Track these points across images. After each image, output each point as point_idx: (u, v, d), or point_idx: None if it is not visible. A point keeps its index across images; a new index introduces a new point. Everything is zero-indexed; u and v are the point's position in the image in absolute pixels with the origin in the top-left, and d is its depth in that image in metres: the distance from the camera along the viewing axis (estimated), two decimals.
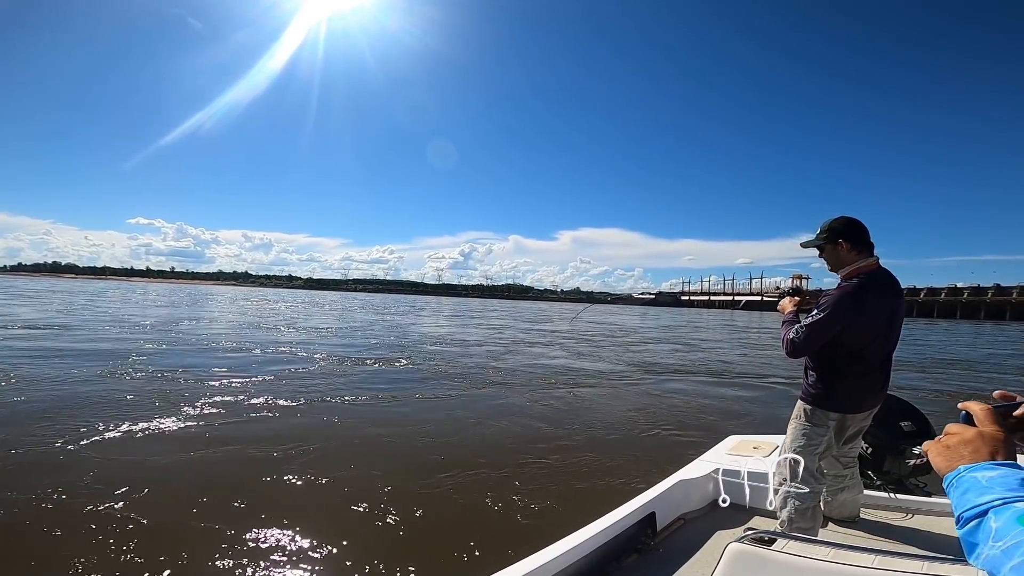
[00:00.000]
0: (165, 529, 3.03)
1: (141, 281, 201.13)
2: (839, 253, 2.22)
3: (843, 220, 2.23)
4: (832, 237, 2.22)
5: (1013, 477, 0.60)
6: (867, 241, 2.21)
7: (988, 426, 0.68)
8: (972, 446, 0.66)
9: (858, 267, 2.18)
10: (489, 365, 10.62)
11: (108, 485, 3.57)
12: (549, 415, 6.37)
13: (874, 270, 2.19)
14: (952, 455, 0.67)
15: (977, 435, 0.67)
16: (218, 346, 11.79)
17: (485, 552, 2.95)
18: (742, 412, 7.23)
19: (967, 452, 0.66)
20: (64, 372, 7.46)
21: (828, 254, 2.27)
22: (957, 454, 0.67)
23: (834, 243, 2.22)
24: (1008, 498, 0.58)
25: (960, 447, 0.67)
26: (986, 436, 0.67)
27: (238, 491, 3.60)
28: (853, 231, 2.20)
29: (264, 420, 5.52)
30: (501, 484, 3.98)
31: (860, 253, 2.19)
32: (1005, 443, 0.66)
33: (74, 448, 4.30)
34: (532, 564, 1.71)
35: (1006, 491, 0.59)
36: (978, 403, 0.71)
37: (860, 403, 2.30)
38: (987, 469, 0.63)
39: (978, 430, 0.68)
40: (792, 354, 2.25)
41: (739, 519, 2.56)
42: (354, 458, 4.46)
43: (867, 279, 2.16)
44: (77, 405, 5.67)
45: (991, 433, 0.67)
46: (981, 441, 0.66)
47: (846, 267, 2.21)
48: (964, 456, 0.66)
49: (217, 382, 7.35)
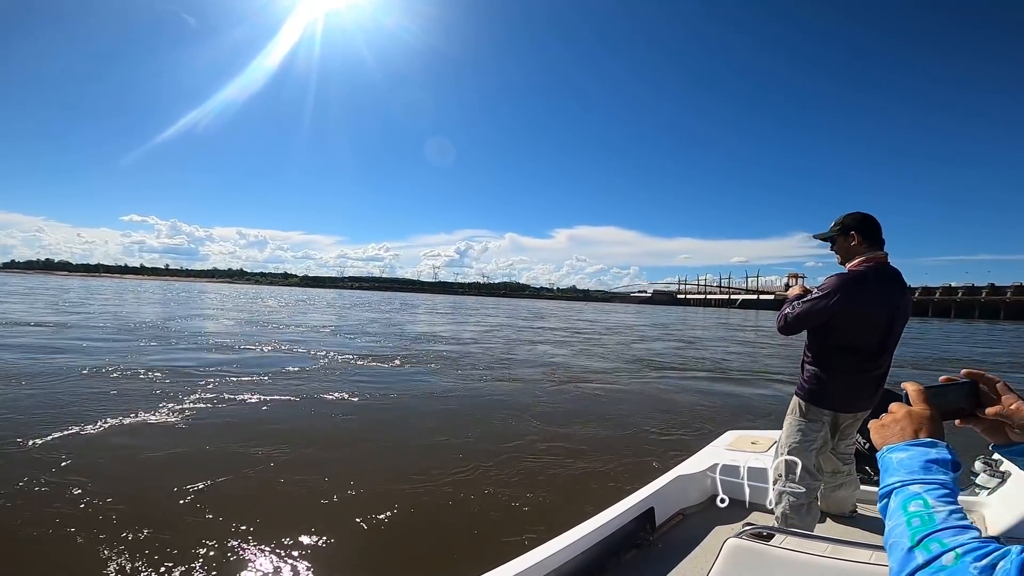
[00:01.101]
0: (155, 526, 3.00)
1: (135, 278, 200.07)
2: (850, 245, 2.25)
3: (858, 215, 2.27)
4: (845, 230, 2.25)
5: (918, 459, 0.65)
6: (879, 237, 2.24)
7: (918, 405, 0.73)
8: (900, 424, 0.71)
9: (866, 258, 2.21)
10: (486, 362, 10.61)
11: (90, 482, 3.55)
12: (546, 411, 6.36)
13: (882, 262, 2.22)
14: (885, 433, 0.72)
15: (906, 414, 0.72)
16: (213, 344, 11.73)
17: (483, 549, 2.94)
18: (740, 407, 7.25)
19: (896, 430, 0.71)
20: (59, 367, 7.40)
21: (840, 246, 2.29)
22: (889, 432, 0.72)
23: (847, 235, 2.25)
24: (905, 480, 0.63)
25: (892, 425, 0.72)
26: (913, 415, 0.71)
27: (231, 488, 3.58)
28: (866, 225, 2.23)
29: (258, 417, 5.49)
30: (499, 480, 3.97)
31: (871, 247, 2.22)
32: (930, 420, 0.71)
33: (61, 443, 4.27)
34: (531, 560, 1.70)
35: (906, 474, 0.64)
36: (913, 383, 0.76)
37: (853, 403, 2.30)
38: (901, 450, 0.68)
39: (908, 409, 0.73)
40: (784, 329, 2.28)
41: (738, 515, 2.57)
42: (351, 455, 4.44)
43: (872, 269, 2.18)
44: (66, 402, 5.62)
45: (918, 411, 0.72)
46: (908, 420, 0.71)
47: (855, 259, 2.23)
48: (895, 434, 0.71)
49: (210, 379, 7.30)
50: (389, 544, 2.97)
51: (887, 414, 0.75)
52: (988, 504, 2.41)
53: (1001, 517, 2.28)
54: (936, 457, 0.65)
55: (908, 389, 0.76)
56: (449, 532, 3.16)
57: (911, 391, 0.75)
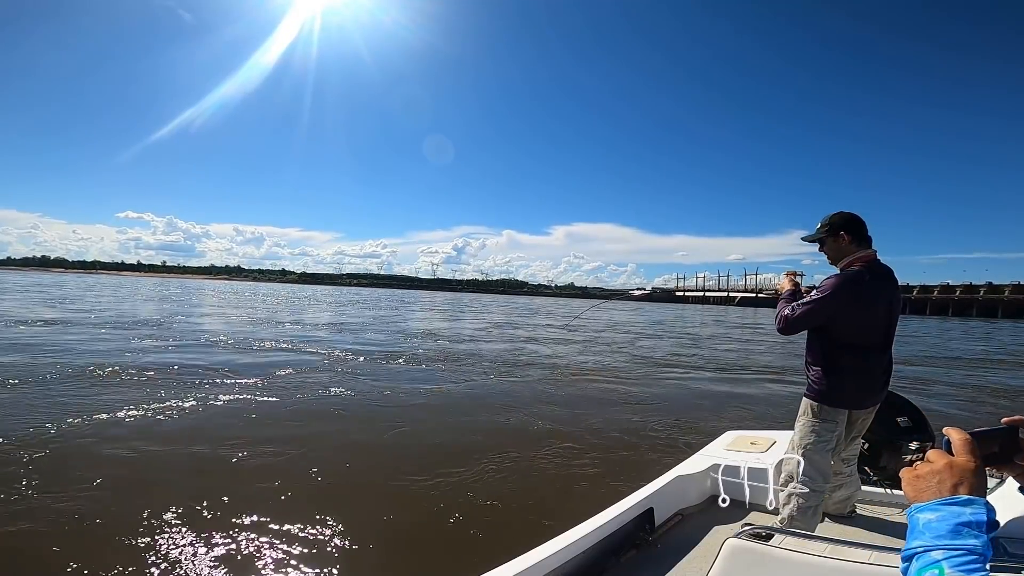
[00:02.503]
0: (160, 524, 3.00)
1: (132, 275, 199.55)
2: (840, 246, 2.28)
3: (843, 215, 2.31)
4: (833, 230, 2.29)
5: (947, 522, 0.59)
6: (866, 235, 2.28)
7: (962, 456, 0.65)
8: (939, 477, 0.64)
9: (857, 257, 2.25)
10: (485, 360, 10.61)
11: (91, 479, 3.55)
12: (545, 409, 6.37)
13: (872, 260, 2.25)
14: (920, 485, 0.65)
15: (946, 466, 0.64)
16: (216, 341, 11.72)
17: (483, 548, 2.94)
18: (739, 407, 7.26)
19: (933, 483, 0.64)
20: (68, 360, 7.39)
21: (829, 247, 2.33)
22: (924, 484, 0.65)
23: (835, 236, 2.28)
24: (929, 546, 0.58)
25: (928, 477, 0.65)
26: (955, 467, 0.64)
27: (233, 486, 3.58)
28: (853, 225, 2.27)
29: (260, 416, 5.49)
30: (498, 480, 3.97)
31: (860, 246, 2.26)
32: (974, 474, 0.63)
33: (61, 441, 4.26)
34: (530, 560, 1.70)
35: (932, 538, 0.58)
36: (958, 430, 0.68)
37: (863, 399, 2.31)
38: (930, 510, 0.61)
39: (949, 460, 0.65)
40: (784, 330, 2.28)
41: (737, 515, 2.57)
42: (350, 453, 4.45)
43: (866, 268, 2.22)
44: (72, 400, 5.61)
45: (962, 464, 0.64)
46: (948, 472, 0.64)
47: (846, 258, 2.27)
48: (930, 487, 0.63)
49: (213, 378, 7.30)
50: (389, 544, 2.96)
51: (923, 463, 0.67)
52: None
53: (999, 517, 2.29)
54: (970, 519, 0.58)
55: (952, 437, 0.67)
56: (448, 532, 3.16)
57: (956, 440, 0.67)
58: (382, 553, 2.85)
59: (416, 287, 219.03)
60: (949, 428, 0.69)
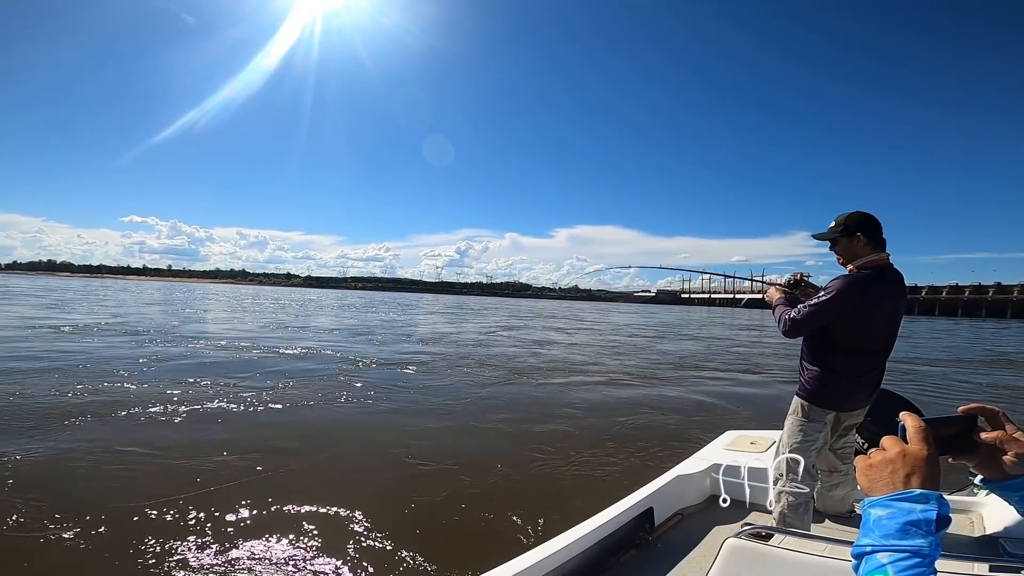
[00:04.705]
0: (160, 524, 3.04)
1: (138, 279, 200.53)
2: (855, 246, 2.23)
3: (860, 214, 2.25)
4: (849, 231, 2.23)
5: (896, 520, 0.57)
6: (881, 238, 2.24)
7: (915, 444, 0.62)
8: (892, 467, 0.61)
9: (870, 260, 2.20)
10: (491, 363, 10.62)
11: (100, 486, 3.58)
12: (546, 409, 6.38)
13: (884, 265, 2.22)
14: (873, 475, 0.62)
15: (899, 454, 0.62)
16: (228, 346, 11.77)
17: (482, 548, 2.96)
18: (739, 407, 7.24)
19: (886, 474, 0.61)
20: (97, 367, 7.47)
21: (843, 247, 2.27)
22: (877, 475, 0.62)
23: (851, 236, 2.23)
24: (876, 546, 0.56)
25: (882, 467, 0.62)
26: (908, 456, 0.61)
27: (243, 490, 3.62)
28: (870, 226, 2.22)
29: (270, 421, 5.54)
30: (498, 480, 3.99)
31: (875, 248, 2.22)
32: (927, 463, 0.60)
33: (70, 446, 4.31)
34: (530, 560, 1.71)
35: (880, 537, 0.57)
36: (913, 417, 0.65)
37: (855, 401, 2.32)
38: (882, 506, 0.59)
39: (902, 448, 0.62)
40: (789, 332, 2.27)
41: (736, 514, 2.58)
42: (351, 454, 4.48)
43: (877, 272, 2.18)
44: (86, 402, 5.68)
45: (915, 452, 0.61)
46: (901, 461, 0.61)
47: (859, 260, 2.22)
48: (883, 478, 0.61)
49: (228, 383, 7.35)
50: (388, 544, 2.98)
51: (877, 451, 0.64)
52: (986, 504, 2.42)
53: (999, 516, 2.29)
54: (919, 517, 0.56)
55: (907, 423, 0.64)
56: (448, 532, 3.18)
57: (910, 427, 0.64)
58: (382, 553, 2.87)
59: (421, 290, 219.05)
60: (905, 414, 0.66)
